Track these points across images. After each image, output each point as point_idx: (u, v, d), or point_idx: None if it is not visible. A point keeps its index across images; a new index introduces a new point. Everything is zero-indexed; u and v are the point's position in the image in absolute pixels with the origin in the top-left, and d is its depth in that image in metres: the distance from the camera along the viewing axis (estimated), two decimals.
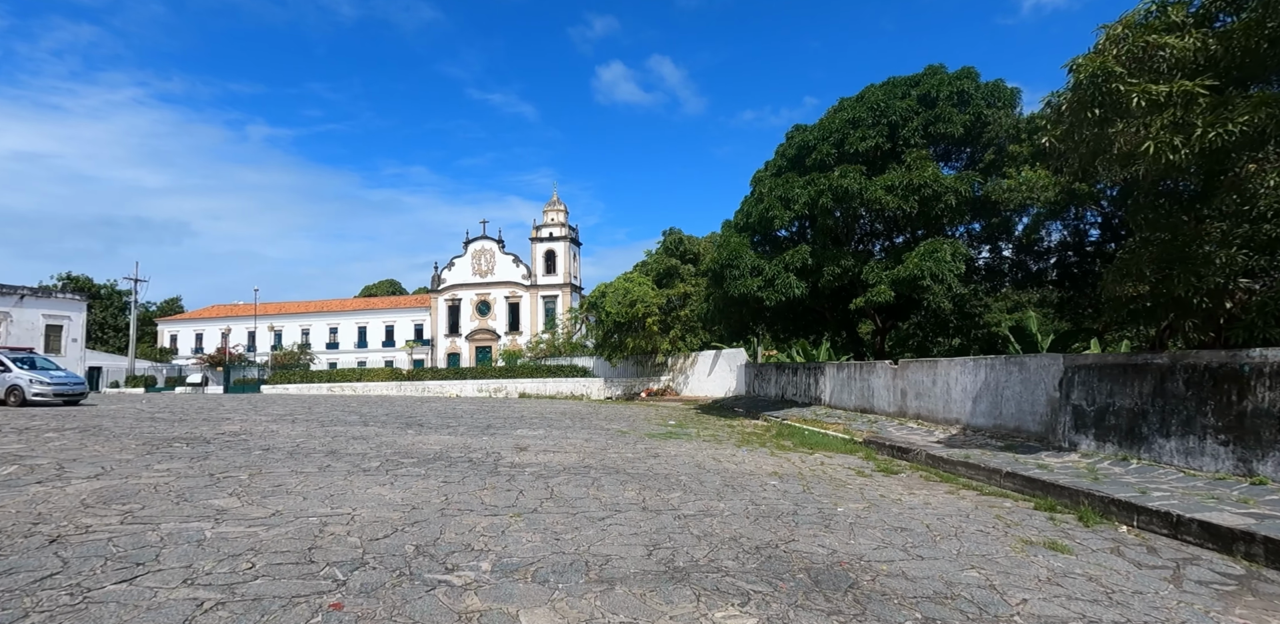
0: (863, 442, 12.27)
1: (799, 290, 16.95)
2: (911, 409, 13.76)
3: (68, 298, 43.37)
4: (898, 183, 15.61)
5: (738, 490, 7.24)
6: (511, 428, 13.53)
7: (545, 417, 17.28)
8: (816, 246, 17.26)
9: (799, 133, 19.13)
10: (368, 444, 10.02)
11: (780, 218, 17.15)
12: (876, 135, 16.81)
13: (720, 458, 9.97)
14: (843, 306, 20.50)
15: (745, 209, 19.93)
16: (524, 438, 11.62)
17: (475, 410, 19.24)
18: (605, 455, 9.64)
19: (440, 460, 8.56)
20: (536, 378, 34.33)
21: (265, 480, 6.83)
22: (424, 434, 11.67)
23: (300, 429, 11.94)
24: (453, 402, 25.39)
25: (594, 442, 11.36)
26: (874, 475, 8.97)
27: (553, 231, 63.29)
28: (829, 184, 16.17)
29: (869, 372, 15.75)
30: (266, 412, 16.66)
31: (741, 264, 17.69)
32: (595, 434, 12.71)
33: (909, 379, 13.88)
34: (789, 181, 17.49)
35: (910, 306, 19.32)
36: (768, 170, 20.55)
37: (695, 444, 11.77)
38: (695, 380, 31.25)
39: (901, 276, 15.25)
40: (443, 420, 15.00)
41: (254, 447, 9.45)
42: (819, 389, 18.82)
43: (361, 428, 12.50)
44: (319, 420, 14.03)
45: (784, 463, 9.75)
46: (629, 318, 30.30)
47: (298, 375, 39.09)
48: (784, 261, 17.16)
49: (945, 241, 15.61)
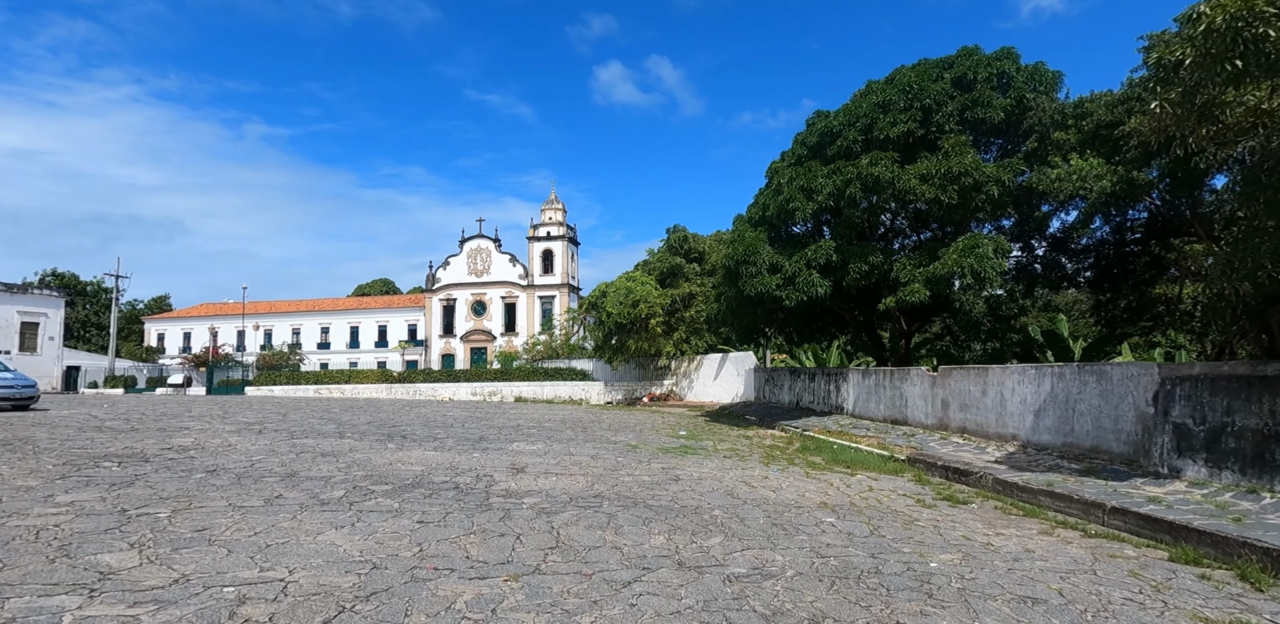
0: (906, 459, 10.82)
1: (822, 289, 15.50)
2: (954, 422, 12.31)
3: (45, 294, 41.73)
4: (934, 171, 14.18)
5: (790, 533, 5.76)
6: (507, 440, 12.04)
7: (543, 426, 15.78)
8: (841, 242, 15.82)
9: (820, 119, 17.71)
10: (336, 463, 8.51)
11: (802, 210, 15.70)
12: (908, 120, 15.39)
13: (751, 481, 8.50)
14: (867, 308, 19.08)
15: (761, 201, 18.48)
16: (521, 454, 10.12)
17: (467, 417, 17.73)
18: (617, 479, 8.16)
19: (419, 488, 7.05)
20: (533, 381, 32.82)
21: (189, 520, 5.33)
22: (405, 450, 10.16)
23: (264, 442, 10.42)
24: (444, 406, 23.86)
25: (602, 459, 9.87)
26: (939, 505, 7.51)
27: (550, 231, 61.79)
28: (857, 172, 14.74)
29: (901, 379, 14.31)
30: (235, 419, 15.11)
31: (758, 260, 16.23)
32: (602, 449, 11.23)
33: (951, 388, 12.44)
34: (811, 171, 16.05)
35: (937, 309, 17.89)
36: (785, 161, 19.13)
37: (717, 462, 10.29)
38: (700, 385, 29.78)
39: (938, 274, 13.81)
40: (429, 430, 13.48)
41: (199, 467, 7.93)
42: (841, 397, 17.36)
43: (335, 441, 10.98)
44: (290, 430, 12.51)
45: (827, 489, 8.29)
46: (631, 319, 28.83)
47: (284, 377, 37.44)
48: (805, 258, 15.70)
49: (985, 236, 14.18)
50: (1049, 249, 18.35)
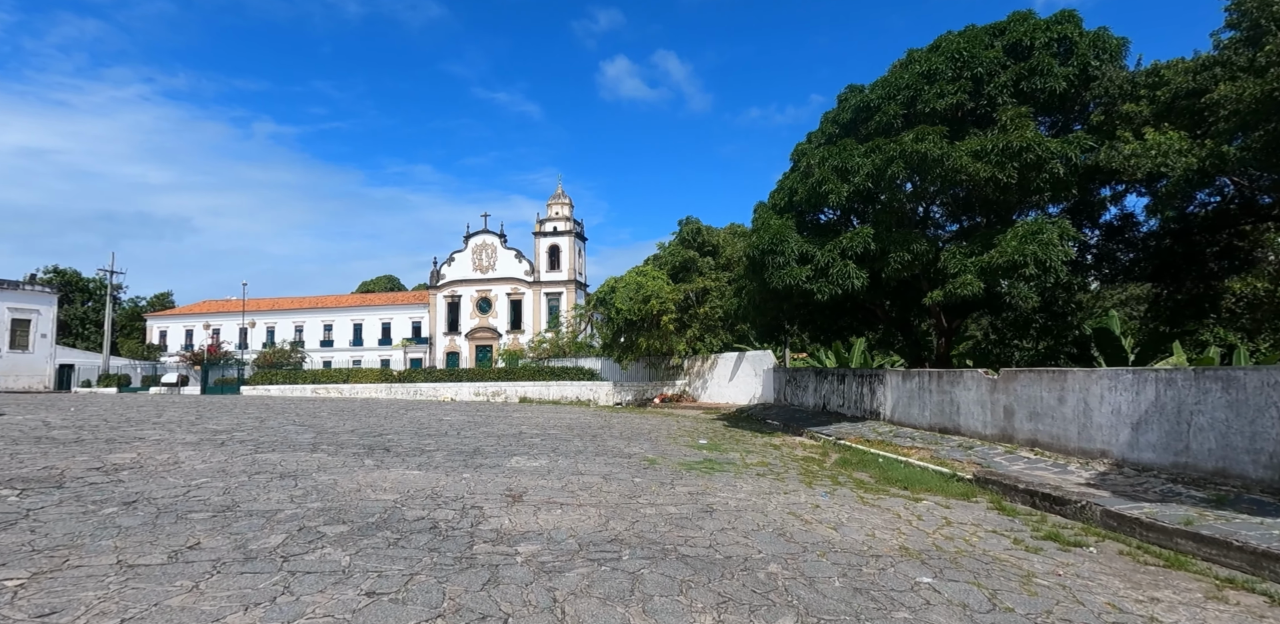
0: (973, 479, 9.20)
1: (859, 281, 13.85)
2: (1022, 433, 10.66)
3: (37, 290, 40.54)
4: (990, 147, 12.50)
5: (883, 606, 4.17)
6: (505, 453, 10.48)
7: (548, 432, 14.23)
8: (880, 229, 14.16)
9: (854, 94, 16.03)
10: (292, 490, 6.97)
11: (837, 193, 14.05)
12: (958, 91, 13.71)
13: (801, 513, 6.91)
14: (904, 303, 17.42)
15: (787, 186, 16.83)
16: (520, 474, 8.56)
17: (465, 423, 16.20)
18: (638, 510, 6.58)
19: (385, 529, 5.49)
20: (539, 381, 31.28)
21: (43, 593, 3.79)
22: (384, 468, 8.62)
23: (218, 459, 8.89)
24: (443, 409, 22.36)
25: (616, 480, 8.30)
26: (1045, 548, 5.92)
27: (557, 226, 60.26)
28: (900, 150, 13.07)
29: (953, 383, 12.66)
30: (205, 425, 13.63)
31: (786, 250, 14.59)
32: (615, 465, 9.65)
33: (1017, 394, 10.79)
34: (846, 150, 14.38)
35: (979, 304, 16.20)
36: (813, 142, 17.46)
37: (751, 482, 8.70)
38: (715, 385, 28.17)
39: (995, 264, 12.15)
40: (418, 441, 11.95)
41: (118, 497, 6.40)
42: (876, 401, 15.72)
43: (305, 455, 9.45)
44: (258, 442, 10.99)
45: (896, 522, 6.69)
46: (641, 315, 27.23)
47: (280, 376, 36.05)
48: (840, 246, 14.06)
49: (1049, 221, 12.50)
50: (1103, 238, 16.66)
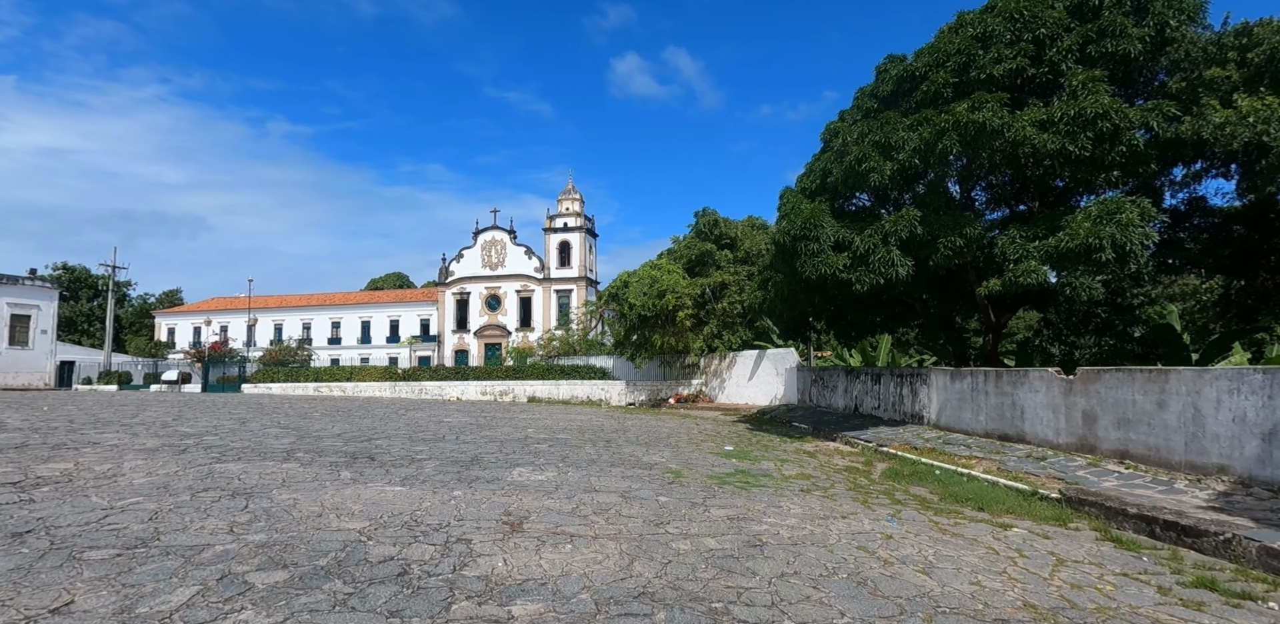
0: (1062, 498, 7.73)
1: (904, 270, 12.37)
2: (1107, 442, 9.17)
3: (37, 285, 39.68)
4: (1058, 115, 11.00)
5: None
6: (507, 463, 9.12)
7: (557, 437, 12.87)
8: (927, 211, 12.67)
9: (894, 64, 14.54)
10: (237, 514, 5.63)
11: (879, 171, 12.58)
12: (1017, 56, 12.19)
13: (873, 547, 5.49)
14: (948, 295, 15.92)
15: (818, 168, 15.37)
16: (522, 490, 7.19)
17: (466, 425, 14.88)
18: (669, 546, 5.18)
19: (337, 577, 4.13)
20: (548, 380, 29.95)
21: None
22: (361, 483, 7.27)
23: (167, 471, 7.58)
24: (446, 409, 21.06)
25: (637, 500, 6.91)
26: (1208, 602, 4.49)
27: (567, 222, 58.98)
28: (953, 121, 11.58)
29: (1015, 383, 11.17)
30: (176, 428, 12.36)
31: (821, 235, 13.14)
32: (635, 479, 8.26)
33: (1101, 397, 9.29)
34: (889, 123, 12.91)
35: (1034, 298, 14.68)
36: (846, 120, 15.99)
37: (798, 502, 7.28)
38: (733, 385, 26.72)
39: (1065, 248, 10.65)
40: (410, 446, 10.61)
41: (13, 523, 5.09)
42: (919, 403, 14.24)
43: (274, 466, 8.12)
44: (225, 448, 9.69)
45: (996, 560, 5.26)
46: (656, 311, 25.82)
47: (282, 374, 34.92)
48: (883, 231, 12.59)
49: (1127, 199, 10.98)
50: (1168, 224, 15.07)
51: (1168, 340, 16.83)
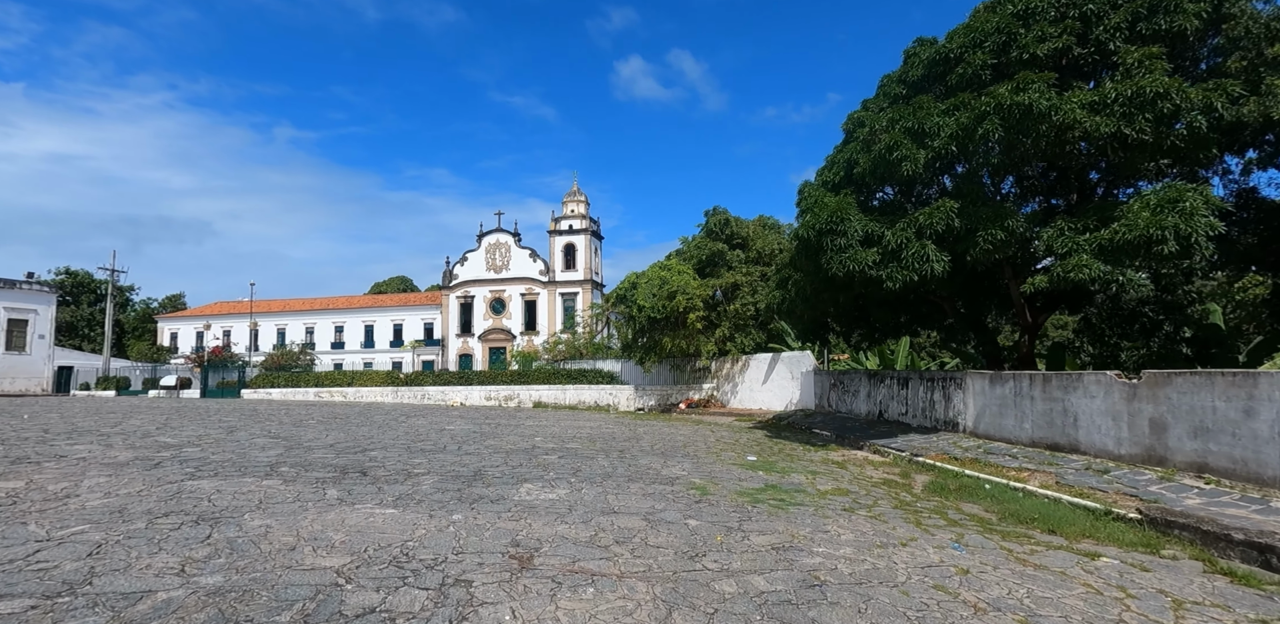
0: (1143, 518, 6.82)
1: (939, 266, 11.47)
2: (1181, 454, 8.24)
3: (35, 289, 39.03)
4: (1112, 96, 10.10)
5: None
6: (513, 478, 8.24)
7: (566, 447, 11.99)
8: (965, 202, 11.78)
9: (925, 47, 13.66)
10: (196, 548, 4.77)
11: (911, 159, 11.69)
12: (1063, 34, 11.31)
13: (952, 586, 4.59)
14: (981, 293, 15.00)
15: (842, 158, 14.49)
16: (531, 513, 6.31)
17: (469, 434, 14.01)
18: (711, 588, 4.29)
19: None
20: (554, 384, 29.07)
21: None
22: (348, 503, 6.40)
23: (130, 490, 6.72)
24: (449, 415, 20.20)
25: (665, 524, 6.01)
26: None
27: (572, 224, 58.20)
28: (995, 103, 10.70)
29: (1068, 387, 10.24)
30: (156, 439, 11.52)
31: (849, 229, 12.25)
32: (657, 495, 7.37)
33: (1173, 403, 8.37)
34: (922, 108, 12.03)
35: (1076, 296, 13.75)
36: (870, 109, 15.10)
37: (846, 524, 6.38)
38: (746, 389, 25.80)
39: (1123, 241, 9.74)
40: (408, 459, 9.74)
41: None
42: (953, 409, 13.30)
43: (253, 483, 7.26)
44: (202, 462, 8.84)
45: (1101, 602, 4.37)
46: (666, 313, 24.93)
47: (282, 379, 34.12)
48: (916, 224, 11.70)
49: (1187, 187, 10.06)
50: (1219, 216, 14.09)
51: (1219, 341, 15.85)
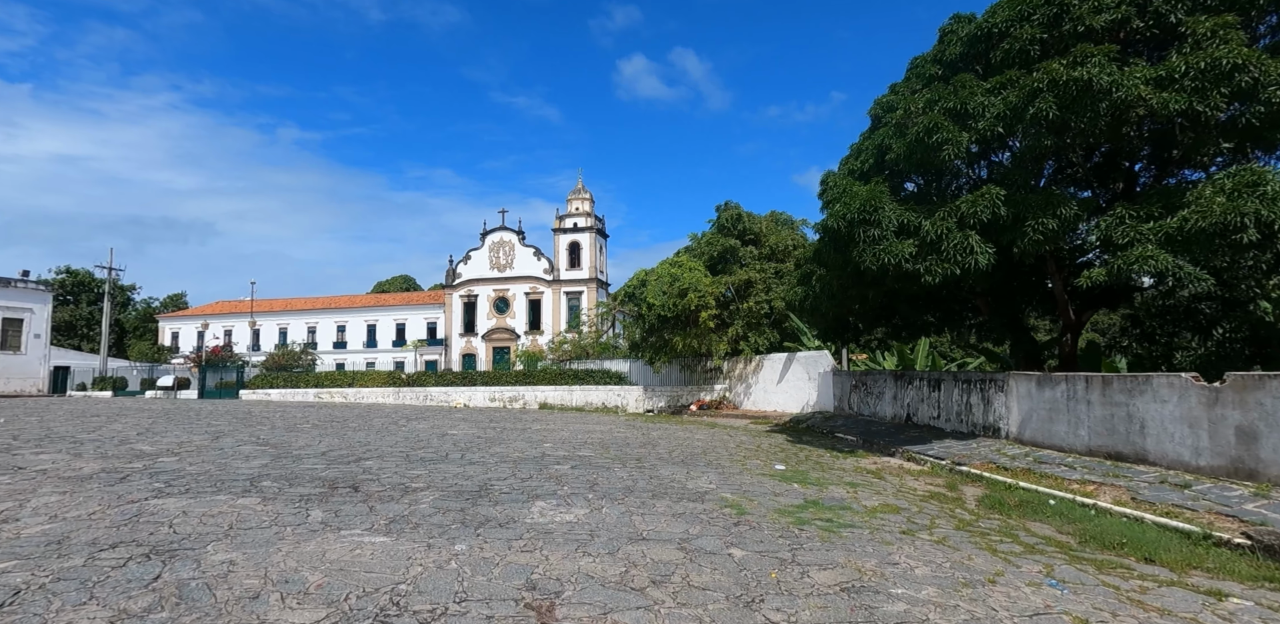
0: (1252, 544, 5.89)
1: (983, 258, 10.54)
2: (1277, 467, 7.29)
3: (30, 288, 38.27)
4: (1181, 69, 9.16)
5: None
6: (524, 493, 7.34)
7: (578, 453, 11.09)
8: (1012, 189, 10.83)
9: (963, 24, 12.71)
10: (134, 594, 3.88)
11: (954, 143, 10.75)
12: (1121, 4, 10.36)
13: None
14: (1019, 289, 14.04)
15: (870, 145, 13.55)
16: (547, 541, 5.40)
17: (474, 440, 13.12)
18: None
19: None
20: (560, 385, 28.19)
21: None
22: (333, 528, 5.50)
23: (83, 511, 5.84)
24: (452, 418, 19.33)
25: (705, 558, 5.10)
26: None
27: (577, 222, 57.33)
28: (1048, 80, 9.76)
29: (1132, 391, 9.29)
30: (133, 447, 10.65)
31: (883, 219, 11.31)
32: (688, 516, 6.45)
33: (1265, 409, 7.42)
34: (965, 87, 11.09)
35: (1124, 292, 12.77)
36: (898, 94, 14.15)
37: (912, 552, 5.46)
38: (760, 390, 24.87)
39: (1195, 229, 8.80)
40: (407, 469, 8.85)
41: None
42: (993, 413, 12.36)
43: (227, 502, 6.37)
44: (179, 473, 7.96)
45: None
46: (677, 311, 24.02)
47: (281, 379, 33.29)
48: (958, 213, 10.76)
49: (1265, 169, 9.12)
50: None
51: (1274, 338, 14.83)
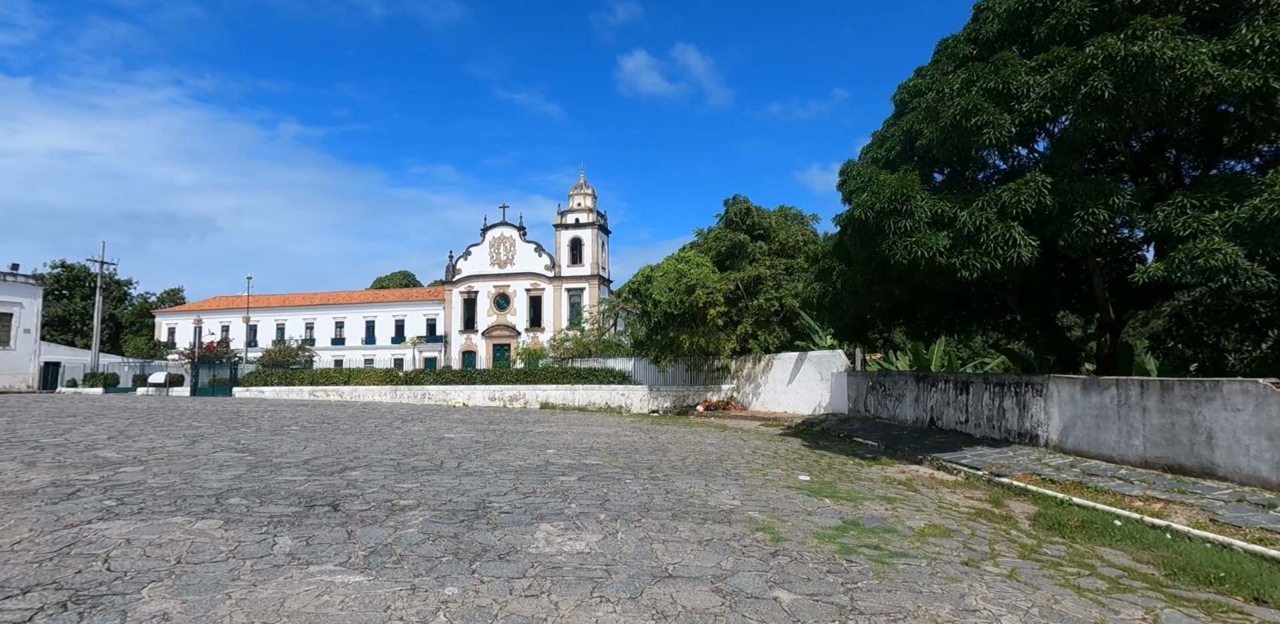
0: None
1: (1026, 252, 9.68)
2: None
3: (19, 281, 37.39)
4: (1253, 43, 8.30)
5: None
6: (526, 513, 6.49)
7: (585, 461, 10.25)
8: (1059, 176, 9.96)
9: None
10: None
11: (995, 126, 9.87)
12: None
13: None
14: (1056, 286, 13.19)
15: (896, 132, 12.67)
16: (555, 584, 4.54)
17: (472, 445, 12.28)
18: None
19: None
20: (562, 384, 27.36)
21: None
22: (299, 565, 4.64)
23: (10, 539, 4.99)
24: (449, 418, 18.49)
25: (747, 603, 4.24)
26: None
27: (579, 217, 56.43)
28: (1104, 55, 8.89)
29: (1196, 397, 8.44)
30: (100, 452, 9.78)
31: (915, 209, 10.45)
32: (717, 545, 5.60)
33: None
34: (1007, 66, 10.20)
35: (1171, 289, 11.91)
36: (925, 77, 13.27)
37: (987, 592, 4.60)
38: (769, 391, 24.01)
39: (1269, 219, 7.94)
40: (396, 481, 7.99)
41: None
42: (1030, 419, 11.51)
43: (184, 526, 5.52)
44: (138, 486, 7.11)
45: None
46: (684, 308, 23.16)
47: (276, 376, 32.44)
48: (999, 203, 9.89)
49: None
50: None
51: None
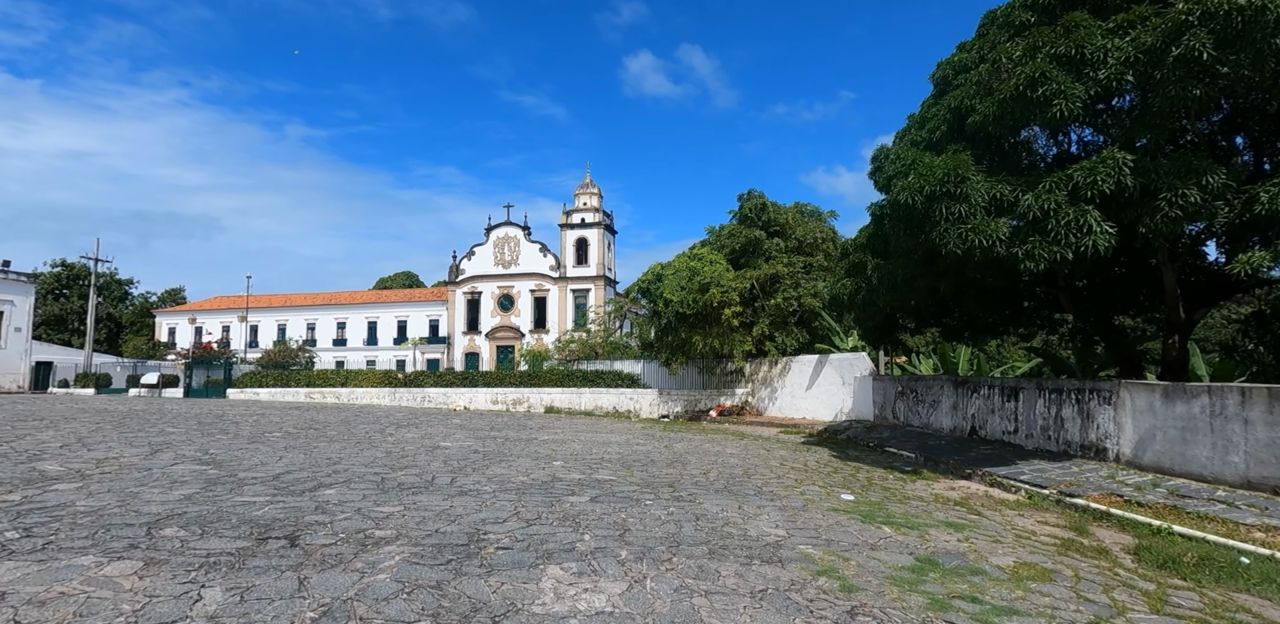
0: None
1: (1103, 240, 8.43)
2: None
3: (11, 279, 36.41)
4: None
5: None
6: (529, 552, 5.27)
7: (597, 476, 9.03)
8: (1140, 154, 8.73)
9: None
10: None
11: (1066, 95, 8.63)
12: None
13: None
14: (1117, 283, 11.92)
15: (939, 111, 11.42)
16: None
17: (470, 455, 11.07)
18: None
19: None
20: (568, 387, 26.15)
21: None
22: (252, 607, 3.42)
23: None
24: (448, 424, 17.30)
25: None
26: None
27: (585, 217, 55.28)
28: (1201, 10, 7.66)
29: None
30: (40, 464, 8.58)
31: (970, 192, 9.22)
32: (770, 598, 4.38)
33: None
34: (1080, 28, 8.98)
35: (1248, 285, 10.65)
36: (968, 51, 12.02)
37: None
38: (787, 395, 22.75)
39: None
40: (372, 507, 6.78)
41: None
42: (1097, 430, 10.24)
43: (85, 574, 4.33)
44: (54, 513, 5.92)
45: None
46: (697, 308, 21.94)
47: (271, 378, 31.33)
48: (1070, 184, 8.65)
49: None
50: None
51: None
